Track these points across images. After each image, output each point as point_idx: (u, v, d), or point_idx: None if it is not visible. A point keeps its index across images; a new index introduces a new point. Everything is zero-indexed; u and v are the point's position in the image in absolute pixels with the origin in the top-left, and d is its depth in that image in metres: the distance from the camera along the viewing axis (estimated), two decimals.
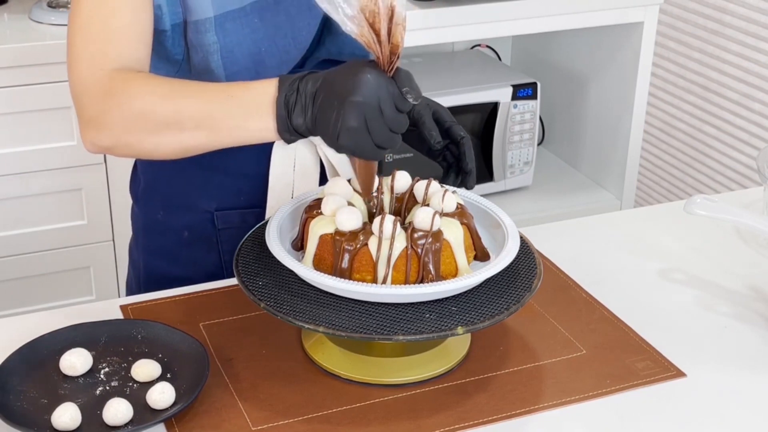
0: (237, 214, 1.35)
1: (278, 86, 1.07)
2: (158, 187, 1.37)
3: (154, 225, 1.39)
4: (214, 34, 1.21)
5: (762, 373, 1.17)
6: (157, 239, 1.39)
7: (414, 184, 1.18)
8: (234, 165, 1.31)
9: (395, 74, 1.04)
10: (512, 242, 1.13)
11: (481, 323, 1.05)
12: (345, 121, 1.02)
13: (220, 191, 1.34)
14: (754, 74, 2.31)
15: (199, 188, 1.34)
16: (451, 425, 1.05)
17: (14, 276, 2.21)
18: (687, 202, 1.30)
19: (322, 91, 1.05)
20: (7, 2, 2.30)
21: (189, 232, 1.36)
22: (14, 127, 2.08)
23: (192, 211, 1.35)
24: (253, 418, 1.05)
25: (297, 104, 1.06)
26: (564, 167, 2.79)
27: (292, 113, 1.06)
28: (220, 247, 1.37)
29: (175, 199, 1.36)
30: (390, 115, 1.03)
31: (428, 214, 1.08)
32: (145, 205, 1.40)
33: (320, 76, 1.07)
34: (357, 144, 1.03)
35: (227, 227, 1.35)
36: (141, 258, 1.43)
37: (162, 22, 1.20)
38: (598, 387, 1.12)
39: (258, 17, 1.22)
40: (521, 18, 2.29)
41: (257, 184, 1.33)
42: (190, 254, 1.37)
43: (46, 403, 1.05)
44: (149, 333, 1.15)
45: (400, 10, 1.01)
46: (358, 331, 1.03)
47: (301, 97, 1.05)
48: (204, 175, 1.33)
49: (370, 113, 1.02)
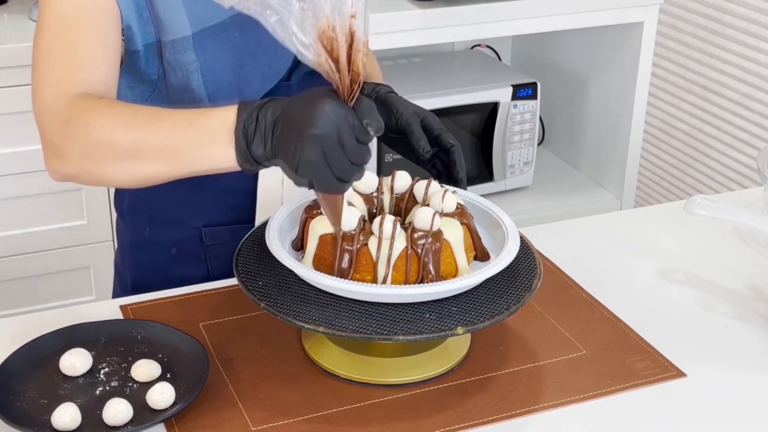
0: (226, 230, 1.33)
1: (237, 115, 1.03)
2: (144, 203, 1.34)
3: (141, 241, 1.36)
4: (193, 52, 1.18)
5: (762, 373, 1.17)
6: (144, 255, 1.37)
7: (414, 184, 1.18)
8: (222, 181, 1.23)
9: (356, 104, 0.99)
10: (512, 242, 1.13)
11: (481, 323, 1.05)
12: (302, 155, 0.97)
13: (209, 207, 1.32)
14: (754, 74, 2.31)
15: (186, 205, 1.32)
16: (451, 425, 1.05)
17: (14, 276, 2.21)
18: (687, 202, 1.30)
19: (280, 122, 1.00)
20: (7, 2, 2.30)
21: (177, 249, 1.34)
22: (14, 127, 2.08)
23: (180, 227, 1.34)
24: (253, 418, 1.05)
25: (256, 134, 1.01)
26: (564, 167, 2.79)
27: (251, 143, 1.01)
28: (209, 264, 1.35)
29: (162, 215, 1.33)
30: (351, 148, 0.98)
31: (428, 214, 1.08)
32: (131, 221, 1.37)
33: (279, 104, 1.02)
34: (316, 177, 0.99)
35: (215, 243, 1.34)
36: (128, 273, 1.40)
37: (133, 43, 1.18)
38: (598, 387, 1.12)
39: (238, 31, 1.20)
40: (521, 18, 2.29)
41: (246, 200, 1.32)
42: (178, 270, 1.35)
43: (46, 403, 1.05)
44: (149, 333, 1.15)
45: (360, 35, 0.96)
46: (358, 331, 1.03)
47: (260, 127, 1.01)
48: (192, 192, 1.30)
49: (329, 146, 0.97)
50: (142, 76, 1.22)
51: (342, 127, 0.97)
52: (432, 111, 1.27)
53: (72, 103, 1.09)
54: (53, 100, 1.10)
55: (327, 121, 0.96)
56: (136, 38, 1.18)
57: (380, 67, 1.46)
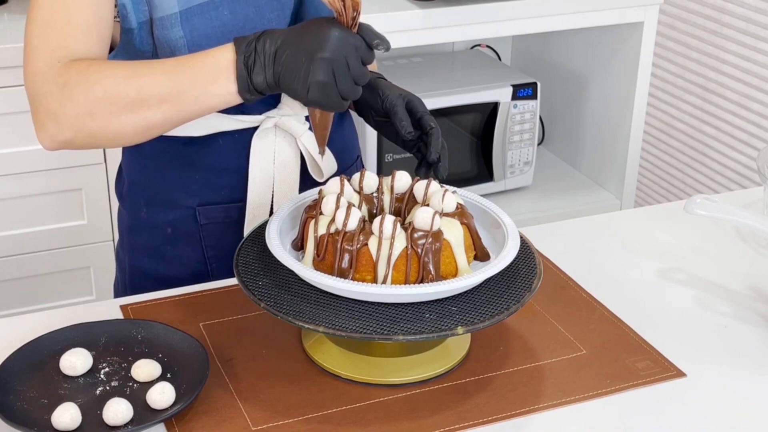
0: (219, 209, 1.35)
1: (235, 49, 1.11)
2: (141, 184, 1.37)
3: (138, 223, 1.39)
4: (180, 29, 1.21)
5: (762, 373, 1.17)
6: (141, 237, 1.39)
7: (414, 184, 1.18)
8: (214, 160, 1.31)
9: (360, 29, 1.09)
10: (512, 242, 1.13)
11: (481, 323, 1.05)
12: (314, 76, 1.07)
13: (201, 187, 1.34)
14: (754, 74, 2.31)
15: (180, 184, 1.34)
16: (451, 425, 1.05)
17: (14, 276, 2.21)
18: (687, 202, 1.30)
19: (286, 48, 1.09)
20: (7, 2, 2.30)
21: (172, 229, 1.36)
22: (14, 127, 2.08)
23: (174, 207, 1.35)
24: (253, 418, 1.06)
25: (256, 63, 1.10)
26: (564, 167, 2.79)
27: (252, 72, 1.10)
28: (203, 242, 1.36)
29: (158, 196, 1.36)
30: (356, 68, 1.09)
31: (428, 214, 1.08)
32: (129, 203, 1.40)
33: (279, 34, 1.10)
34: (325, 97, 1.09)
35: (209, 222, 1.35)
36: (126, 258, 1.42)
37: (128, 21, 1.21)
38: (598, 387, 1.12)
39: (228, 9, 1.22)
40: (521, 18, 2.29)
41: (238, 179, 1.33)
42: (174, 251, 1.37)
43: (46, 403, 1.05)
44: (149, 333, 1.15)
45: None
46: (358, 331, 1.03)
47: (260, 57, 1.10)
48: (185, 171, 1.33)
49: (338, 68, 1.08)
50: (138, 54, 1.24)
51: (349, 50, 1.08)
52: (432, 111, 1.27)
53: (66, 67, 1.14)
54: (46, 69, 1.14)
55: (336, 45, 1.07)
56: (131, 16, 1.21)
57: (380, 67, 1.46)
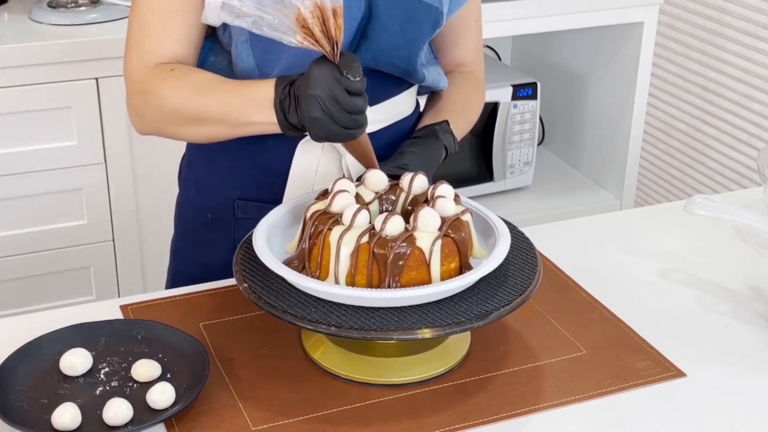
0: (256, 207, 1.36)
1: (275, 89, 1.18)
2: (195, 166, 1.44)
3: (186, 202, 1.47)
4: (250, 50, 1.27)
5: (762, 373, 1.17)
6: (187, 214, 1.47)
7: (411, 184, 1.17)
8: (260, 157, 1.35)
9: (340, 59, 1.13)
10: (504, 243, 1.12)
11: (480, 322, 1.05)
12: (308, 114, 1.13)
13: (243, 180, 1.37)
14: (754, 74, 2.31)
15: (225, 173, 1.38)
16: (451, 425, 1.05)
17: (14, 276, 2.20)
18: (687, 202, 1.30)
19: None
20: (7, 2, 2.30)
21: (212, 215, 1.42)
22: (14, 127, 2.08)
23: (217, 195, 1.40)
24: (253, 418, 1.06)
25: (290, 106, 1.16)
26: (564, 167, 2.79)
27: (287, 114, 1.17)
28: (236, 234, 1.39)
29: (206, 180, 1.42)
30: (343, 101, 1.12)
31: (399, 224, 1.07)
32: (183, 180, 1.48)
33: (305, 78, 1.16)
34: (325, 131, 1.14)
35: (245, 217, 1.38)
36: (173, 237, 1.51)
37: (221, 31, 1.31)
38: (598, 387, 1.12)
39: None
40: (521, 18, 2.29)
41: (278, 180, 1.35)
42: (210, 236, 1.42)
43: (46, 403, 1.05)
44: (149, 333, 1.15)
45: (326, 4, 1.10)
46: (357, 331, 1.03)
47: (293, 100, 1.16)
48: (231, 162, 1.37)
49: (326, 102, 1.12)
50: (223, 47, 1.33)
51: (331, 84, 1.12)
52: None
53: (149, 75, 1.25)
54: (136, 71, 1.26)
55: (316, 81, 1.12)
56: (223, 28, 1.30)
57: None
